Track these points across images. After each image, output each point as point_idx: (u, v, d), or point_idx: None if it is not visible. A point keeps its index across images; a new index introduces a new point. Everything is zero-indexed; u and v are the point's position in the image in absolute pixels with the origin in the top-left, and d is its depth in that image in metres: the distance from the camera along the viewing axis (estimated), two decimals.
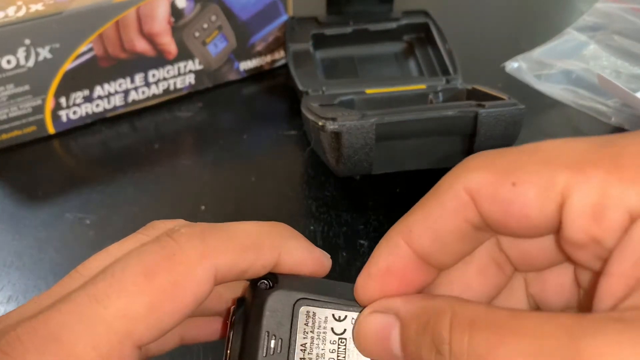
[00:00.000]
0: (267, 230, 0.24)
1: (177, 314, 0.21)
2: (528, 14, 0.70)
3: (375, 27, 0.57)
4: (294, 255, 0.24)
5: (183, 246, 0.22)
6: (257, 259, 0.23)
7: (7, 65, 0.47)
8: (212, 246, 0.22)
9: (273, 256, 0.24)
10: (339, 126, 0.41)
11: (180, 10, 0.52)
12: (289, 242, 0.24)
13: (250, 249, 0.23)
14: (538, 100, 0.54)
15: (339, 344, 0.22)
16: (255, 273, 0.23)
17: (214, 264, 0.22)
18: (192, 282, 0.21)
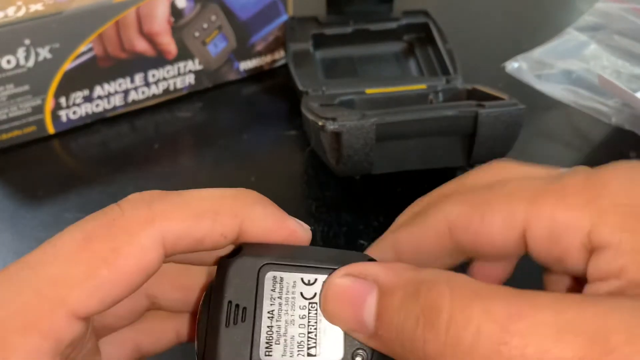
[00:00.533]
0: (227, 195, 0.22)
1: (121, 283, 0.20)
2: (528, 13, 0.70)
3: (376, 27, 0.57)
4: (259, 223, 0.22)
5: (126, 212, 0.21)
6: (213, 226, 0.21)
7: (6, 65, 0.47)
8: (159, 212, 0.21)
9: (233, 224, 0.21)
10: (339, 126, 0.41)
11: (180, 10, 0.52)
12: (254, 209, 0.22)
13: (204, 216, 0.21)
14: (538, 100, 0.54)
15: (309, 309, 0.21)
16: (214, 243, 0.21)
17: (159, 231, 0.20)
18: (133, 249, 0.20)
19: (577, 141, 0.52)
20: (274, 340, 0.20)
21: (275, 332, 0.20)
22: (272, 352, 0.20)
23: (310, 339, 0.20)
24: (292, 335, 0.20)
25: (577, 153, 0.51)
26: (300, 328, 0.20)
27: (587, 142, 0.52)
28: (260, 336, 0.20)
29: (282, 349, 0.20)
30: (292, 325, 0.21)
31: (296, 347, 0.20)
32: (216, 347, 0.20)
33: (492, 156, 0.45)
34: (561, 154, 0.51)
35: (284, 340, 0.20)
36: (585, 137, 0.53)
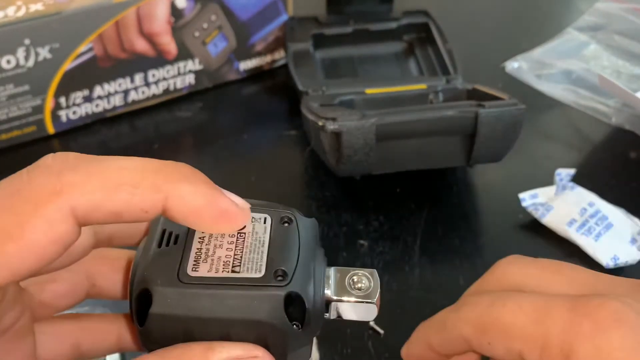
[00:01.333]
0: (150, 168, 0.20)
1: (29, 258, 0.19)
2: (528, 13, 0.70)
3: (376, 27, 0.57)
4: (186, 201, 0.20)
5: (33, 181, 0.19)
6: (130, 200, 0.20)
7: (6, 65, 0.47)
8: (69, 182, 0.19)
9: (155, 199, 0.20)
10: (339, 126, 0.41)
11: (180, 10, 0.52)
12: (180, 186, 0.20)
13: (120, 189, 0.20)
14: (538, 100, 0.54)
15: (237, 237, 0.23)
16: (135, 217, 0.20)
17: (68, 203, 0.19)
18: (39, 221, 0.19)
19: (577, 141, 0.52)
20: (202, 259, 0.22)
21: (204, 253, 0.22)
22: (199, 268, 0.21)
23: (235, 260, 0.22)
24: (219, 256, 0.22)
25: (577, 153, 0.51)
26: (228, 251, 0.22)
27: (587, 142, 0.52)
28: (189, 255, 0.22)
29: (208, 266, 0.22)
30: (220, 249, 0.22)
31: (222, 266, 0.22)
32: (147, 263, 0.22)
33: (493, 156, 0.45)
34: (561, 153, 0.51)
35: (211, 260, 0.22)
36: (585, 137, 0.53)
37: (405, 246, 0.43)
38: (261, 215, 0.24)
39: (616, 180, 0.48)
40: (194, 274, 0.21)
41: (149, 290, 0.21)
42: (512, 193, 0.46)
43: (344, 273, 0.24)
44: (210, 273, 0.21)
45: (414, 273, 0.41)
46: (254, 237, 0.23)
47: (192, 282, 0.21)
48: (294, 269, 0.22)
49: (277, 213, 0.24)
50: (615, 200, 0.44)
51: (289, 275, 0.21)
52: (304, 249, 0.23)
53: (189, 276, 0.21)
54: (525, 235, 0.44)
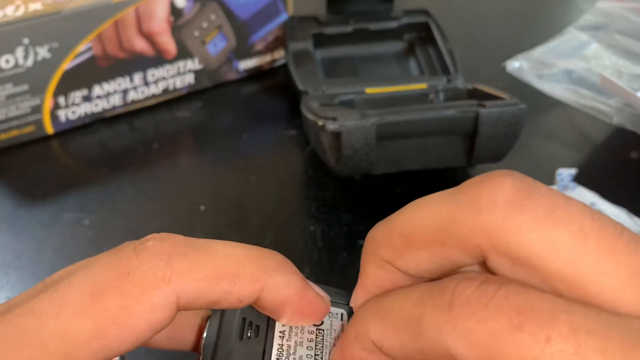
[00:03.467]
0: (252, 256, 0.21)
1: (127, 342, 0.19)
2: (529, 13, 0.70)
3: (376, 26, 0.57)
4: (280, 292, 0.21)
5: (142, 265, 0.19)
6: (231, 290, 0.20)
7: (5, 64, 0.47)
8: (177, 270, 0.19)
9: (252, 290, 0.20)
10: (339, 126, 0.41)
11: (180, 9, 0.52)
12: (276, 276, 0.21)
13: (224, 278, 0.20)
14: (539, 100, 0.54)
15: (317, 334, 0.22)
16: (229, 304, 0.20)
17: (175, 291, 0.19)
18: (146, 307, 0.19)
19: (578, 141, 0.52)
20: (284, 357, 0.21)
21: (285, 350, 0.21)
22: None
23: (317, 358, 0.21)
24: (301, 355, 0.21)
25: (578, 153, 0.51)
26: (308, 350, 0.22)
27: (588, 142, 0.52)
28: (271, 352, 0.21)
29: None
30: (301, 347, 0.22)
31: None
32: (230, 356, 0.21)
33: (493, 156, 0.45)
34: (562, 153, 0.51)
35: (292, 358, 0.21)
36: (586, 136, 0.52)
37: None
38: (338, 311, 0.23)
39: (617, 180, 0.48)
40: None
41: None
42: None
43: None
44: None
45: None
46: (332, 335, 0.22)
47: None
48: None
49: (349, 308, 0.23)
50: (617, 200, 0.44)
51: None
52: None
53: None
54: None
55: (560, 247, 0.16)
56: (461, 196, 0.18)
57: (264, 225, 0.44)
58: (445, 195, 0.19)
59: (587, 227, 0.16)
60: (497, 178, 0.17)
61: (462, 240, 0.17)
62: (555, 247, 0.16)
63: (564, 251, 0.16)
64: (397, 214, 0.20)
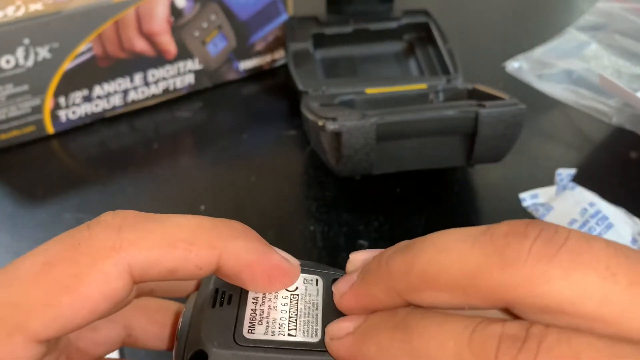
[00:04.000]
0: (206, 225, 0.21)
1: (81, 312, 0.19)
2: (529, 13, 0.70)
3: (376, 26, 0.57)
4: (239, 257, 0.21)
5: (93, 236, 0.20)
6: (186, 257, 0.20)
7: (6, 65, 0.47)
8: (128, 239, 0.20)
9: (209, 256, 0.20)
10: (339, 126, 0.41)
11: (180, 9, 0.52)
12: (234, 242, 0.21)
13: (177, 246, 0.20)
14: (539, 100, 0.54)
15: (291, 299, 0.22)
16: (188, 273, 0.21)
17: (126, 259, 0.20)
18: (96, 275, 0.19)
19: (578, 141, 0.52)
20: (257, 321, 0.21)
21: (259, 315, 0.22)
22: (255, 330, 0.21)
23: (290, 322, 0.22)
24: (275, 318, 0.22)
25: (578, 153, 0.51)
26: (282, 313, 0.22)
27: (588, 142, 0.52)
28: (244, 316, 0.22)
29: (264, 328, 0.21)
30: (275, 310, 0.22)
31: (277, 328, 0.21)
32: (201, 324, 0.21)
33: (493, 156, 0.45)
34: (562, 153, 0.51)
35: (266, 322, 0.21)
36: (585, 137, 0.53)
37: None
38: (312, 277, 0.23)
39: (617, 180, 0.48)
40: (250, 336, 0.21)
41: (205, 352, 0.21)
42: (512, 193, 0.45)
43: None
44: (266, 336, 0.21)
45: None
46: (307, 300, 0.22)
47: (249, 344, 0.21)
48: None
49: (328, 275, 0.24)
50: (616, 200, 0.44)
51: None
52: None
53: (246, 339, 0.21)
54: None
55: (591, 291, 0.16)
56: (489, 247, 0.18)
57: (264, 225, 0.44)
58: (471, 240, 0.19)
59: (614, 265, 0.16)
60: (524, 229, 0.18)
61: (487, 292, 0.17)
62: (586, 291, 0.16)
63: (596, 293, 0.16)
64: (419, 249, 0.19)
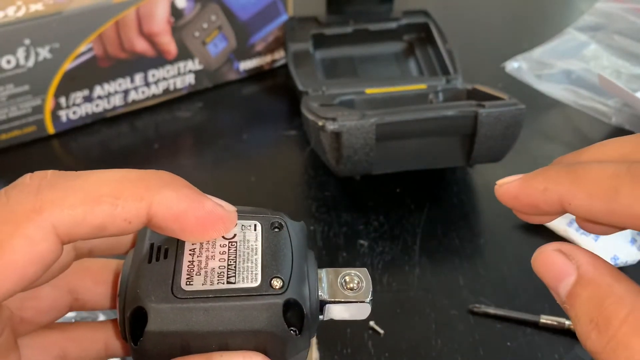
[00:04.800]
0: (132, 177, 0.20)
1: (9, 279, 0.19)
2: (528, 13, 0.70)
3: (376, 27, 0.57)
4: (170, 206, 0.20)
5: (11, 201, 0.19)
6: (113, 212, 0.19)
7: (6, 65, 0.47)
8: (48, 199, 0.19)
9: (138, 208, 0.20)
10: (339, 126, 0.41)
11: (180, 10, 0.52)
12: (163, 192, 0.20)
13: (102, 201, 0.19)
14: (538, 100, 0.54)
15: (229, 246, 0.22)
16: (118, 228, 0.20)
17: (49, 221, 0.19)
18: (19, 241, 0.19)
19: (577, 141, 0.52)
20: (195, 272, 0.21)
21: (197, 265, 0.21)
22: (193, 282, 0.21)
23: (230, 270, 0.21)
24: (213, 267, 0.21)
25: None
26: (221, 262, 0.22)
27: (587, 142, 0.52)
28: (182, 269, 0.21)
29: (202, 279, 0.21)
30: (213, 260, 0.22)
31: (216, 277, 0.21)
32: (138, 279, 0.21)
33: (492, 156, 0.45)
34: (561, 153, 0.51)
35: (204, 272, 0.21)
36: (585, 137, 0.53)
37: (405, 246, 0.43)
38: (250, 223, 0.23)
39: None
40: (188, 288, 0.21)
41: (143, 308, 0.20)
42: None
43: (335, 274, 0.24)
44: (205, 286, 0.21)
45: (414, 273, 0.41)
46: (245, 246, 0.22)
47: (187, 296, 0.21)
48: (290, 275, 0.22)
49: (266, 219, 0.23)
50: None
51: (285, 283, 0.21)
52: (297, 254, 0.23)
53: (184, 291, 0.21)
54: (525, 235, 0.44)
55: None
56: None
57: None
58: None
59: None
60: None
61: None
62: None
63: None
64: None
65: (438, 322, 0.38)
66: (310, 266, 0.23)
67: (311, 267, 0.23)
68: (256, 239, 0.23)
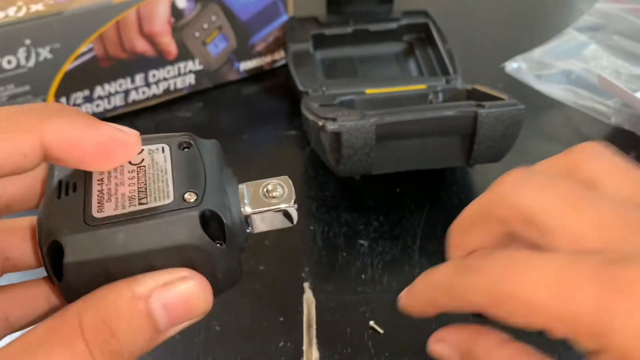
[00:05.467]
0: (20, 110, 0.20)
1: None
2: (528, 14, 0.70)
3: (376, 27, 0.57)
4: (65, 134, 0.19)
5: None
6: (4, 147, 0.19)
7: (7, 65, 0.47)
8: None
9: (31, 140, 0.19)
10: (339, 126, 0.41)
11: (180, 10, 0.52)
12: (54, 120, 0.19)
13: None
14: (538, 101, 0.54)
15: (137, 171, 0.22)
16: (16, 164, 0.19)
17: None
18: None
19: (577, 141, 0.52)
20: (105, 199, 0.21)
21: (106, 193, 0.22)
22: (104, 209, 0.21)
23: (140, 192, 0.21)
24: (123, 192, 0.22)
25: None
26: (130, 186, 0.22)
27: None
28: (91, 199, 0.21)
29: (113, 204, 0.21)
30: (122, 186, 0.22)
31: (127, 201, 0.21)
32: (49, 215, 0.21)
33: (492, 156, 0.45)
34: (561, 153, 0.51)
35: (115, 198, 0.21)
36: (584, 137, 0.53)
37: (405, 246, 0.43)
38: (158, 146, 0.23)
39: None
40: (100, 215, 0.21)
41: (58, 242, 0.20)
42: None
43: (257, 186, 0.24)
44: (117, 210, 0.21)
45: (414, 273, 0.41)
46: (155, 168, 0.22)
47: (100, 223, 0.20)
48: (203, 188, 0.22)
49: (174, 140, 0.24)
50: None
51: (199, 196, 0.21)
52: (210, 169, 0.23)
53: (96, 218, 0.21)
54: None
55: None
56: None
57: None
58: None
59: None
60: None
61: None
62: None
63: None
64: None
65: (438, 322, 0.38)
66: (229, 181, 0.24)
67: (230, 181, 0.24)
68: (165, 161, 0.23)
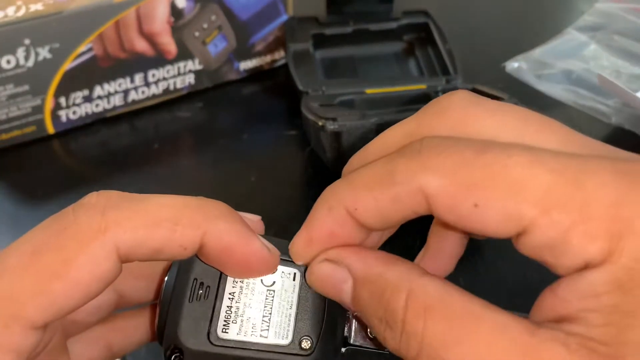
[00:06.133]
0: (190, 205, 0.21)
1: (75, 293, 0.20)
2: (528, 13, 0.70)
3: (376, 27, 0.57)
4: (222, 239, 0.21)
5: (78, 220, 0.20)
6: (171, 237, 0.20)
7: (6, 65, 0.47)
8: (113, 220, 0.20)
9: (194, 236, 0.20)
10: (339, 126, 0.41)
11: (180, 10, 0.52)
12: (217, 223, 0.21)
13: (162, 226, 0.20)
14: (538, 100, 0.54)
15: (267, 295, 0.23)
16: (173, 253, 0.21)
17: (112, 241, 0.20)
18: (85, 259, 0.19)
19: None
20: (232, 320, 0.22)
21: (234, 313, 0.22)
22: (229, 330, 0.22)
23: (264, 322, 0.22)
24: (249, 317, 0.22)
25: None
26: (257, 312, 0.22)
27: None
28: (219, 314, 0.22)
29: (237, 328, 0.22)
30: (250, 308, 0.22)
31: (250, 328, 0.22)
32: (178, 320, 0.22)
33: None
34: None
35: (240, 321, 0.22)
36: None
37: (405, 246, 0.43)
38: (291, 270, 0.23)
39: None
40: (223, 335, 0.22)
41: (181, 349, 0.22)
42: None
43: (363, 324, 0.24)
44: (239, 336, 0.22)
45: None
46: (282, 297, 0.23)
47: (221, 344, 0.22)
48: (319, 335, 0.23)
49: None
50: None
51: (313, 344, 0.22)
52: (330, 311, 0.23)
53: (219, 338, 0.22)
54: None
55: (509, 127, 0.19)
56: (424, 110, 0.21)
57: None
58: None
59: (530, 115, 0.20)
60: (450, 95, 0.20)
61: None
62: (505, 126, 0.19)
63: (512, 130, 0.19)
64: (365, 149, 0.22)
65: None
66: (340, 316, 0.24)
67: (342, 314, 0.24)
68: (293, 291, 0.23)
